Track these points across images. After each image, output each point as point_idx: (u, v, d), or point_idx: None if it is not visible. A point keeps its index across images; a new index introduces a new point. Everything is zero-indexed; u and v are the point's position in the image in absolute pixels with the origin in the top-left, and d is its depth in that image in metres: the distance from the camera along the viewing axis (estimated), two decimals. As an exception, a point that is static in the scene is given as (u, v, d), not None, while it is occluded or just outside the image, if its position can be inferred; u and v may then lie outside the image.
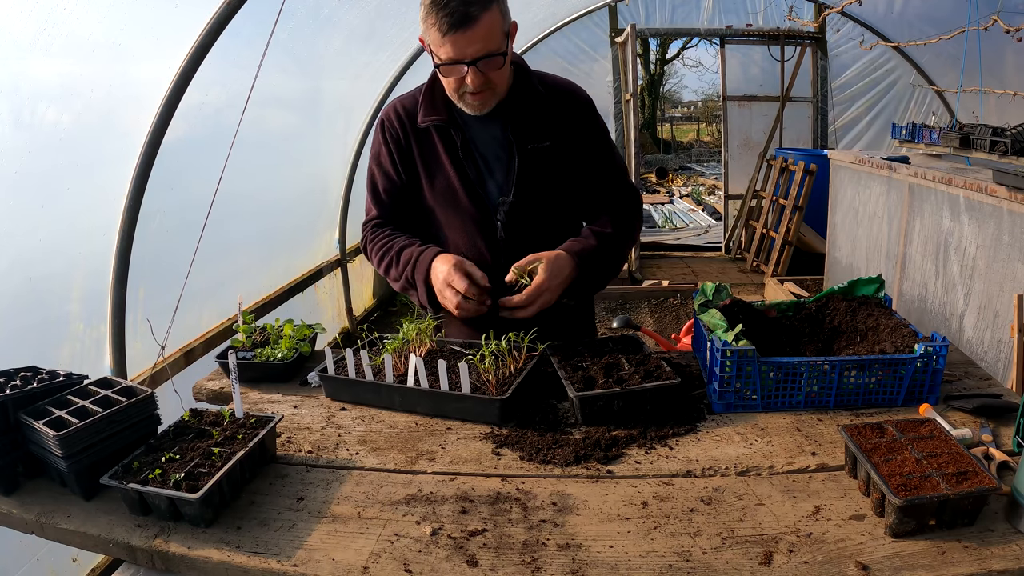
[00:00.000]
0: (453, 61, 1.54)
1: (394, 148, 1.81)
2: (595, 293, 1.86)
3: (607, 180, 1.84)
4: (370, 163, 1.89)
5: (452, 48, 1.52)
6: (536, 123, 1.73)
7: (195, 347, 3.13)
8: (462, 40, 1.50)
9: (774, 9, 7.47)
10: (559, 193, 1.80)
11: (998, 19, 4.21)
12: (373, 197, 1.90)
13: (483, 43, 1.52)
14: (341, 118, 4.82)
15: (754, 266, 7.19)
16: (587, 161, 1.81)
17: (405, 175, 1.83)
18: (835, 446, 1.34)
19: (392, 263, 1.78)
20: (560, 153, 1.76)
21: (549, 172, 1.76)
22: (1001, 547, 1.03)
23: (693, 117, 28.88)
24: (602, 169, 1.83)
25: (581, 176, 1.81)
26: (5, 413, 1.25)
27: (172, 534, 1.13)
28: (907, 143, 5.48)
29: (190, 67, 2.61)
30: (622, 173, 1.88)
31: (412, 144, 1.79)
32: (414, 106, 1.77)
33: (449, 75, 1.59)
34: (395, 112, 1.81)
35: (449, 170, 1.76)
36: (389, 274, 1.81)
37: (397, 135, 1.80)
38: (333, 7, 3.63)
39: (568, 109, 1.78)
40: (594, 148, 1.81)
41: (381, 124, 1.83)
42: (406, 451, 1.39)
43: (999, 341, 3.26)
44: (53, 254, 2.33)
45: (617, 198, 1.85)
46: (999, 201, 3.22)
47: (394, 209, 1.88)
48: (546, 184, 1.77)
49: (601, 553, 1.07)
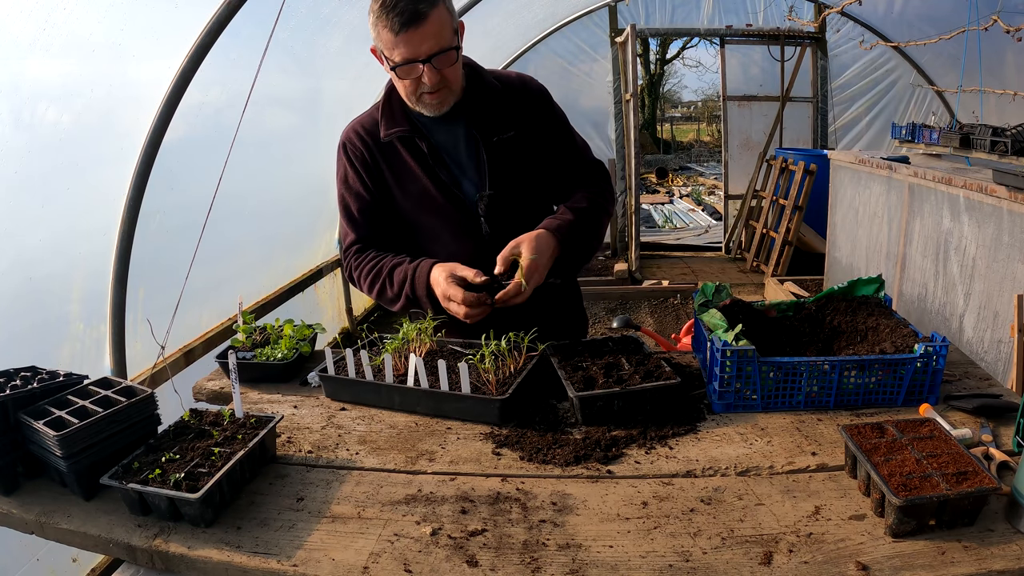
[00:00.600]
0: (407, 61, 1.56)
1: (360, 167, 1.80)
2: (579, 269, 1.87)
3: (572, 161, 1.89)
4: (339, 188, 1.86)
5: (406, 47, 1.54)
6: (496, 116, 1.77)
7: (195, 347, 3.13)
8: (416, 37, 1.53)
9: (774, 9, 7.47)
10: (531, 180, 1.84)
11: (998, 19, 4.21)
12: (348, 220, 1.86)
13: (435, 39, 1.55)
14: (341, 118, 4.81)
15: (754, 266, 7.20)
16: (551, 147, 1.85)
17: (377, 192, 1.82)
18: (835, 446, 1.34)
19: (385, 285, 1.75)
20: (524, 142, 1.80)
21: (517, 161, 1.79)
22: (1001, 547, 1.03)
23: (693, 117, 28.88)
24: (565, 152, 1.88)
25: (547, 161, 1.85)
26: (5, 413, 1.25)
27: (172, 534, 1.13)
28: (907, 143, 5.48)
29: (190, 67, 2.61)
30: (585, 151, 1.93)
31: (379, 160, 1.79)
32: (373, 123, 1.79)
33: (405, 76, 1.60)
34: (355, 132, 1.81)
35: (422, 178, 1.76)
36: (383, 297, 1.78)
37: (362, 154, 1.80)
38: (333, 7, 3.63)
39: (524, 100, 1.82)
40: (555, 133, 1.86)
41: (343, 147, 1.83)
42: (406, 451, 1.39)
43: (999, 341, 3.26)
44: (53, 254, 2.33)
45: (584, 175, 1.89)
46: (999, 201, 3.22)
47: (371, 228, 1.85)
48: (517, 173, 1.80)
49: (601, 553, 1.07)
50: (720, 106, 8.05)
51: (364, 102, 4.94)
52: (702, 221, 11.04)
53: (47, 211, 2.26)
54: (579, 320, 2.07)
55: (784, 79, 7.66)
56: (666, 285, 6.55)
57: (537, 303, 1.71)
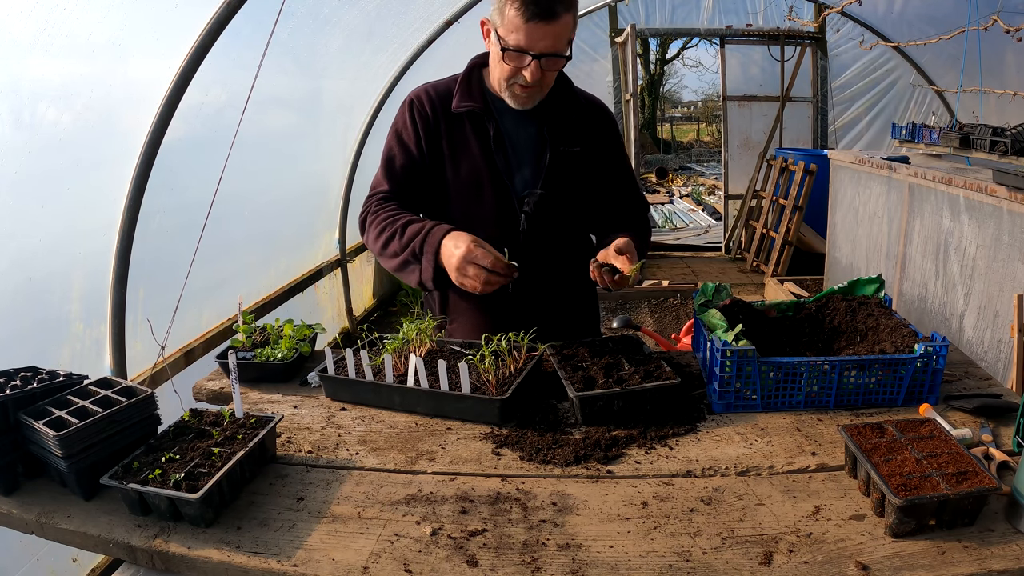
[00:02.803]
0: (521, 50, 1.57)
1: (421, 126, 1.79)
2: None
3: (623, 191, 1.95)
4: (389, 139, 1.84)
5: (526, 37, 1.56)
6: (570, 127, 1.82)
7: (195, 347, 3.12)
8: (538, 32, 1.55)
9: (774, 9, 7.47)
10: (580, 194, 1.87)
11: (998, 19, 4.21)
12: (387, 173, 1.83)
13: (554, 41, 1.58)
14: (341, 118, 4.81)
15: (754, 266, 7.19)
16: (608, 171, 1.91)
17: (428, 156, 1.80)
18: (835, 446, 1.34)
19: (394, 236, 1.68)
20: (586, 159, 1.85)
21: (575, 174, 1.84)
22: (1001, 547, 1.03)
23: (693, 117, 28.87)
24: (620, 180, 1.94)
25: (601, 184, 1.90)
26: (5, 413, 1.25)
27: (172, 534, 1.13)
28: (907, 143, 5.48)
29: (190, 67, 2.61)
30: (636, 185, 2.02)
31: (441, 128, 1.79)
32: (447, 93, 1.80)
33: (511, 62, 1.61)
34: (426, 94, 1.81)
35: (478, 158, 1.77)
36: (387, 248, 1.70)
37: (427, 114, 1.79)
38: (333, 7, 3.62)
39: (598, 121, 1.90)
40: (615, 160, 1.93)
41: (410, 103, 1.82)
42: (406, 451, 1.39)
43: (999, 341, 3.26)
44: (53, 254, 2.33)
45: (630, 209, 1.96)
46: (999, 201, 3.22)
47: (406, 187, 1.82)
48: (571, 184, 1.84)
49: (601, 553, 1.07)
50: (720, 106, 8.05)
51: (364, 102, 4.97)
52: (702, 221, 11.04)
53: (47, 211, 2.26)
54: (595, 317, 2.10)
55: (784, 79, 7.66)
56: (666, 285, 6.55)
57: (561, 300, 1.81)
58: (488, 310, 1.85)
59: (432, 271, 1.62)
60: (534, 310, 1.83)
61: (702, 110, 27.98)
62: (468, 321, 1.89)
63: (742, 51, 7.78)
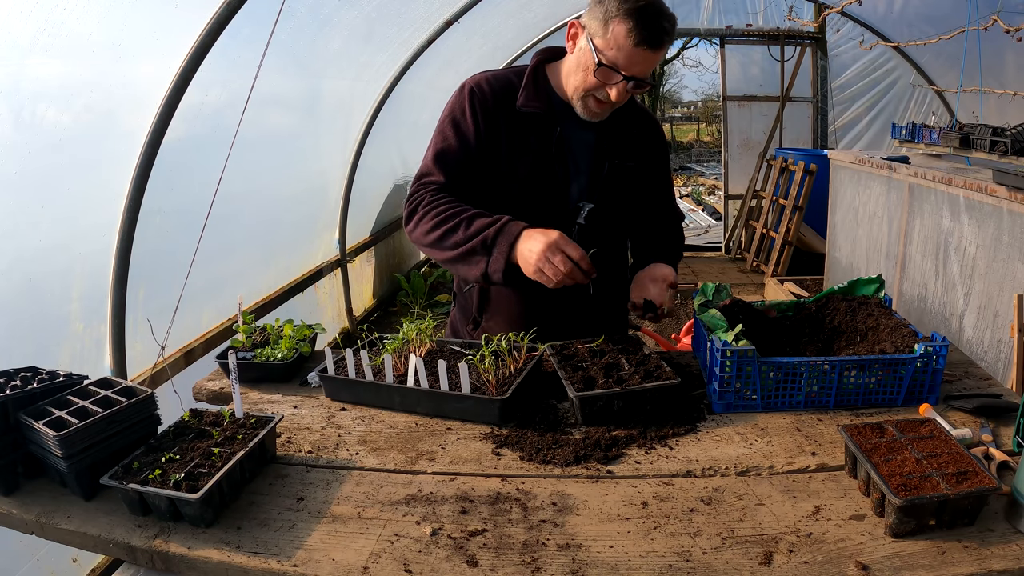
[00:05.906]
0: (615, 68, 1.56)
1: (482, 116, 1.70)
2: None
3: (666, 203, 2.01)
4: (442, 124, 1.75)
5: (626, 58, 1.55)
6: (628, 142, 1.83)
7: (195, 347, 3.12)
8: (640, 56, 1.55)
9: (774, 9, 7.47)
10: (630, 208, 1.89)
11: (998, 19, 4.20)
12: (438, 159, 1.72)
13: (647, 67, 1.58)
14: (341, 118, 4.81)
15: (754, 266, 7.20)
16: (655, 184, 1.95)
17: (486, 149, 1.72)
18: (835, 446, 1.34)
19: (458, 227, 1.60)
20: (638, 174, 1.86)
21: (627, 188, 1.85)
22: (1001, 547, 1.03)
23: (693, 117, 28.88)
24: (664, 193, 2.00)
25: (648, 197, 1.94)
26: (5, 413, 1.24)
27: (172, 534, 1.13)
28: (907, 143, 5.48)
29: (190, 67, 2.61)
30: (674, 197, 2.08)
31: (501, 122, 1.72)
32: (509, 86, 1.74)
33: (600, 77, 1.59)
34: (488, 84, 1.73)
35: (539, 161, 1.73)
36: (446, 240, 1.62)
37: (488, 106, 1.71)
38: (333, 7, 3.62)
39: (650, 133, 1.91)
40: (662, 174, 1.98)
41: (471, 89, 1.73)
42: (406, 451, 1.39)
43: (999, 341, 3.26)
44: (53, 254, 2.33)
45: (670, 220, 2.02)
46: (999, 201, 3.22)
47: (459, 178, 1.72)
48: (622, 198, 1.85)
49: (601, 553, 1.07)
50: (720, 106, 8.05)
51: (364, 102, 4.97)
52: (702, 221, 11.05)
53: (47, 211, 2.26)
54: (625, 322, 2.11)
55: (784, 79, 7.66)
56: (666, 285, 6.53)
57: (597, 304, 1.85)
58: (529, 310, 1.81)
59: (504, 263, 1.56)
60: (572, 314, 1.85)
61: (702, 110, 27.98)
62: (505, 320, 1.85)
63: (742, 51, 7.79)
